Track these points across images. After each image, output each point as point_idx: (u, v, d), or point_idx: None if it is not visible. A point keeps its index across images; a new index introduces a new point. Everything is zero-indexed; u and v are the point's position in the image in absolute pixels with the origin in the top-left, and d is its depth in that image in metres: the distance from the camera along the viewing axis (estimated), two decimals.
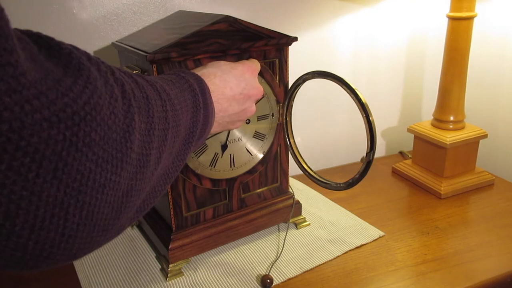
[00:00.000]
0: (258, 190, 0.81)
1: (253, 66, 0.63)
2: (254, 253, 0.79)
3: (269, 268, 0.74)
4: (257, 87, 0.61)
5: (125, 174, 0.32)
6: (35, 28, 0.31)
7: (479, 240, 0.82)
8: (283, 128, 0.79)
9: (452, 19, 0.93)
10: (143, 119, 0.35)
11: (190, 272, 0.74)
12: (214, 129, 0.57)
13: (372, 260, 0.77)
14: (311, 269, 0.74)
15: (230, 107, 0.57)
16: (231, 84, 0.57)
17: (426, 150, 1.02)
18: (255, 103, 0.64)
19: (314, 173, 0.81)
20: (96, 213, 0.30)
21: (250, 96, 0.60)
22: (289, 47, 0.75)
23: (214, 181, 0.75)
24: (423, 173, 1.03)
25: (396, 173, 1.10)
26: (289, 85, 0.78)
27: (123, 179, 0.32)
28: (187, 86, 0.48)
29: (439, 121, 1.00)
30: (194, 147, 0.48)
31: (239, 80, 0.58)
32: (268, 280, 0.70)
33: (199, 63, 0.67)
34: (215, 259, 0.78)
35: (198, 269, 0.75)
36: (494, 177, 1.03)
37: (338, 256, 0.78)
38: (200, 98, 0.49)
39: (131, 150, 0.33)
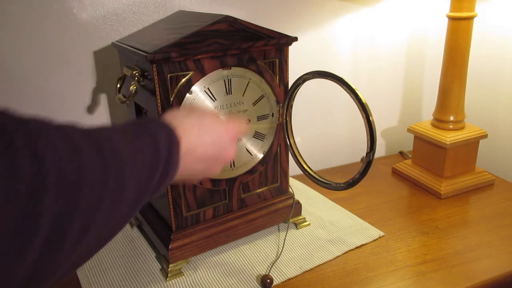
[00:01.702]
0: (258, 190, 0.81)
1: (238, 130, 0.56)
2: (254, 253, 0.79)
3: (269, 268, 0.74)
4: (230, 154, 0.54)
5: (27, 263, 0.29)
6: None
7: (479, 240, 0.82)
8: (283, 128, 0.79)
9: (452, 19, 0.93)
10: (64, 194, 0.32)
11: (190, 272, 0.74)
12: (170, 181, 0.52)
13: (372, 260, 0.77)
14: (311, 269, 0.74)
15: (194, 166, 0.51)
16: (206, 143, 0.51)
17: (426, 150, 1.02)
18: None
19: (314, 173, 0.81)
20: None
21: (219, 160, 0.53)
22: (289, 47, 0.75)
23: (214, 181, 0.75)
24: (423, 173, 1.03)
25: (396, 173, 1.10)
26: (289, 85, 0.78)
27: (23, 270, 0.29)
28: (149, 143, 0.44)
29: (439, 121, 1.00)
30: (144, 202, 0.45)
31: (216, 143, 0.52)
32: (268, 280, 0.70)
33: (199, 63, 0.67)
34: (215, 259, 0.78)
35: (198, 269, 0.75)
36: (494, 177, 1.03)
37: (338, 256, 0.78)
38: (164, 156, 0.45)
39: (35, 236, 0.30)
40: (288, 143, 0.80)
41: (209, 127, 0.52)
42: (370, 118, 0.66)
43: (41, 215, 0.30)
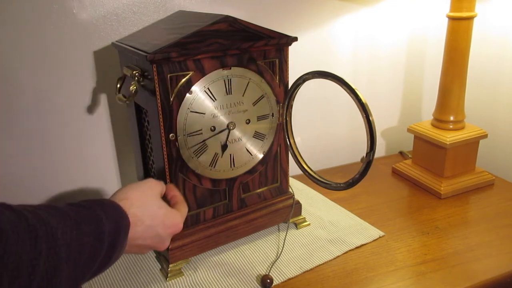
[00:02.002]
0: (258, 190, 0.81)
1: (179, 228, 0.59)
2: (254, 253, 0.79)
3: (269, 268, 0.74)
4: (166, 245, 0.57)
5: None
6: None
7: (479, 240, 0.82)
8: (283, 128, 0.79)
9: (452, 19, 0.93)
10: None
11: (190, 272, 0.74)
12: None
13: (372, 260, 0.77)
14: (311, 269, 0.74)
15: (131, 250, 0.53)
16: (149, 235, 0.53)
17: (426, 150, 1.02)
18: None
19: (314, 173, 0.81)
20: None
21: (153, 248, 0.56)
22: (289, 47, 0.75)
23: (214, 181, 0.75)
24: (423, 173, 1.03)
25: (396, 173, 1.10)
26: (289, 85, 0.78)
27: None
28: (93, 228, 0.44)
29: (439, 121, 1.00)
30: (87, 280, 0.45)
31: (157, 236, 0.55)
32: (268, 280, 0.70)
33: (199, 63, 0.67)
34: (215, 259, 0.78)
35: (198, 269, 0.75)
36: (494, 177, 1.03)
37: (338, 256, 0.78)
38: (107, 241, 0.45)
39: None
40: (288, 143, 0.80)
41: (157, 223, 0.54)
42: (370, 118, 0.66)
43: None
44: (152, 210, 0.54)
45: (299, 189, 1.01)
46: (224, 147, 0.73)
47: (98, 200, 0.49)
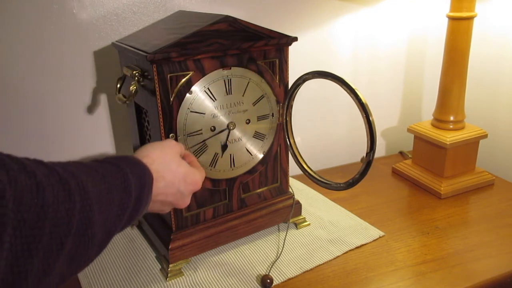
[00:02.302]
0: (258, 190, 0.81)
1: (199, 186, 0.60)
2: (254, 253, 0.79)
3: (269, 268, 0.74)
4: (186, 202, 0.59)
5: None
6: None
7: (479, 240, 0.82)
8: (283, 128, 0.79)
9: (452, 19, 0.93)
10: (25, 232, 0.32)
11: (190, 272, 0.74)
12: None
13: (372, 260, 0.77)
14: (311, 269, 0.74)
15: (154, 206, 0.55)
16: (171, 192, 0.55)
17: (426, 150, 1.02)
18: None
19: (314, 173, 0.81)
20: None
21: (174, 205, 0.57)
22: (289, 47, 0.75)
23: (214, 181, 0.75)
24: (423, 173, 1.03)
25: (396, 173, 1.10)
26: (289, 85, 0.78)
27: None
28: (120, 182, 0.45)
29: (439, 121, 1.00)
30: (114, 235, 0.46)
31: (178, 192, 0.56)
32: (268, 280, 0.70)
33: (199, 63, 0.67)
34: (215, 259, 0.78)
35: (198, 269, 0.75)
36: (494, 177, 1.03)
37: (338, 256, 0.78)
38: (134, 195, 0.46)
39: None
40: (288, 143, 0.80)
41: (178, 180, 0.55)
42: (370, 118, 0.66)
43: None
44: (173, 167, 0.55)
45: (299, 189, 1.01)
46: (224, 147, 0.73)
47: (122, 156, 0.50)
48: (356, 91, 0.67)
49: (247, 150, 0.77)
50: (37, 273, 0.34)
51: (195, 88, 0.68)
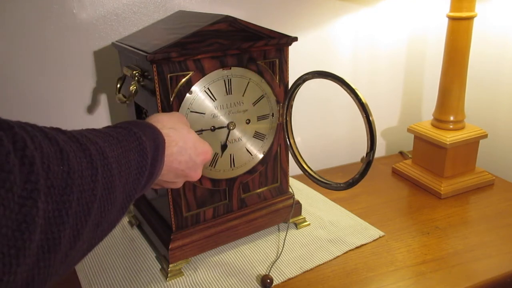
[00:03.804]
0: (258, 190, 0.81)
1: (210, 156, 0.60)
2: (254, 253, 0.79)
3: (269, 268, 0.74)
4: (198, 174, 0.58)
5: (23, 268, 0.29)
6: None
7: (479, 240, 0.82)
8: (283, 128, 0.79)
9: (452, 19, 0.93)
10: (55, 198, 0.33)
11: (190, 272, 0.74)
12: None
13: (372, 260, 0.77)
14: (311, 269, 0.74)
15: (166, 176, 0.54)
16: (181, 160, 0.54)
17: (426, 150, 1.02)
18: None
19: (314, 173, 0.81)
20: None
21: (186, 176, 0.56)
22: (289, 47, 0.75)
23: (214, 181, 0.75)
24: (423, 173, 1.03)
25: (396, 173, 1.10)
26: (289, 85, 0.78)
27: (19, 276, 0.29)
28: (136, 145, 0.45)
29: (439, 121, 1.00)
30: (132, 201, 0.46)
31: (190, 160, 0.55)
32: (268, 280, 0.70)
33: (199, 63, 0.67)
34: (215, 259, 0.78)
35: (198, 269, 0.75)
36: (494, 177, 1.03)
37: (338, 256, 0.78)
38: (149, 156, 0.47)
39: (30, 242, 0.30)
40: (288, 143, 0.80)
41: (189, 146, 0.55)
42: (370, 118, 0.66)
43: (34, 220, 0.30)
44: (183, 133, 0.55)
45: (299, 189, 1.01)
46: (224, 147, 0.73)
47: (133, 121, 0.50)
48: (356, 91, 0.67)
49: (247, 150, 0.77)
50: (68, 239, 0.34)
51: (195, 88, 0.68)
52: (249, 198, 0.80)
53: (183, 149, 0.54)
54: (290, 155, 0.82)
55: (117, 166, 0.41)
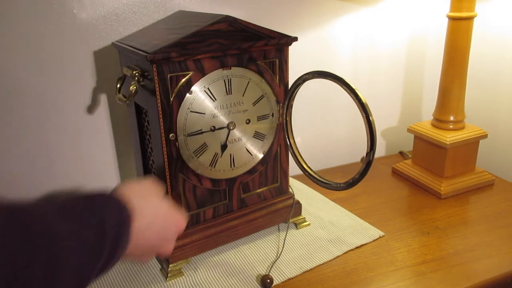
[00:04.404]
0: (258, 190, 0.81)
1: (182, 225, 0.55)
2: (254, 253, 0.79)
3: (269, 268, 0.74)
4: (169, 248, 0.54)
5: None
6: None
7: (479, 240, 0.82)
8: (283, 128, 0.79)
9: (452, 19, 0.93)
10: None
11: (190, 272, 0.74)
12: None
13: (372, 260, 0.77)
14: (311, 269, 0.74)
15: (135, 250, 0.48)
16: (152, 234, 0.49)
17: (426, 150, 1.02)
18: None
19: (314, 173, 0.81)
20: None
21: (157, 250, 0.53)
22: (289, 47, 0.75)
23: (214, 181, 0.75)
24: (423, 173, 1.03)
25: (396, 173, 1.10)
26: (289, 85, 0.78)
27: None
28: (92, 220, 0.41)
29: (439, 121, 1.00)
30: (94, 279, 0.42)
31: (160, 235, 0.51)
32: (268, 280, 0.70)
33: (199, 63, 0.67)
34: (215, 259, 0.78)
35: (198, 269, 0.75)
36: (494, 177, 1.03)
37: (338, 256, 0.78)
38: (111, 234, 0.42)
39: None
40: (288, 143, 0.80)
41: (160, 219, 0.50)
42: (370, 118, 0.66)
43: None
44: (153, 205, 0.51)
45: (299, 189, 1.01)
46: (224, 147, 0.73)
47: (95, 192, 0.46)
48: (356, 91, 0.67)
49: (247, 150, 0.77)
50: None
51: (195, 88, 0.68)
52: (249, 198, 0.80)
53: (153, 224, 0.49)
54: (290, 155, 0.82)
55: (66, 246, 0.37)
